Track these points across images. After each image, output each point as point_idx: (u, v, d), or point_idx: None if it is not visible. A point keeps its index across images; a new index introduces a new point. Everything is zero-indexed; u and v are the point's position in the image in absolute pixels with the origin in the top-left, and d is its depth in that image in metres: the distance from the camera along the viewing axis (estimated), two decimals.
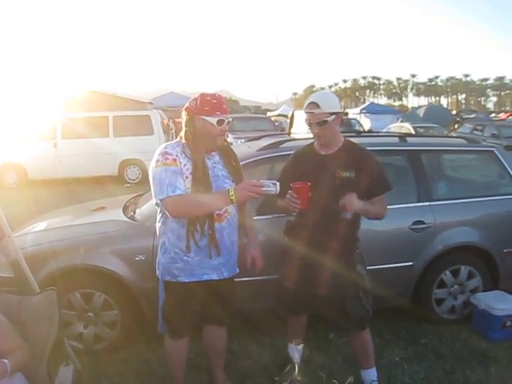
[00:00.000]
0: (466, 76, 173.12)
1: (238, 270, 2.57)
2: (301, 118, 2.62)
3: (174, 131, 13.88)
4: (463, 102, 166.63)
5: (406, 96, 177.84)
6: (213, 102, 2.31)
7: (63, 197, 8.06)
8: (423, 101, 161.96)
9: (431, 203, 3.56)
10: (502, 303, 3.46)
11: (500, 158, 3.91)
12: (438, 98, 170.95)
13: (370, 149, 2.77)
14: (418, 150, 3.74)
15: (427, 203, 3.55)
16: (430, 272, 3.55)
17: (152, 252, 2.97)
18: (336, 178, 2.55)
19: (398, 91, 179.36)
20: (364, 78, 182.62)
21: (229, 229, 2.44)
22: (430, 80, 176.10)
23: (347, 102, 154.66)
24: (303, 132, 2.65)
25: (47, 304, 2.25)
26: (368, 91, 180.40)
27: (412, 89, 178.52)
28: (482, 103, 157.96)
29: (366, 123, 23.23)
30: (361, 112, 27.16)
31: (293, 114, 14.37)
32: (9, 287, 2.53)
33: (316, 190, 2.50)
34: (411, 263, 3.48)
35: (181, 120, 2.44)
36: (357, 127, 17.57)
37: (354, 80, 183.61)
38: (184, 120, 2.38)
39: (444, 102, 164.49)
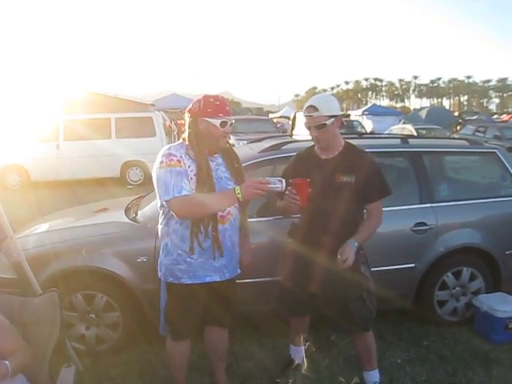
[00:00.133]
0: (468, 77, 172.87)
1: (239, 271, 2.57)
2: (303, 119, 2.61)
3: (176, 133, 13.89)
4: (465, 103, 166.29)
5: (408, 98, 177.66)
6: (216, 104, 2.31)
7: (65, 198, 8.08)
8: (425, 102, 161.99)
9: (433, 205, 3.55)
10: (504, 305, 3.46)
11: (502, 159, 3.91)
12: (440, 100, 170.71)
13: (371, 151, 2.76)
14: (420, 151, 3.75)
15: (429, 205, 3.55)
16: (432, 274, 3.55)
17: (154, 254, 2.98)
18: (336, 182, 2.55)
19: (400, 93, 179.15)
20: (366, 80, 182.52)
21: (231, 230, 2.45)
22: (432, 81, 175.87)
23: (349, 104, 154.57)
24: (305, 134, 2.65)
25: (49, 305, 2.25)
26: (370, 93, 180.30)
27: (414, 90, 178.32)
28: (485, 105, 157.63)
29: (368, 125, 23.22)
30: (363, 114, 27.13)
31: (295, 116, 14.37)
32: (11, 288, 2.53)
33: (317, 193, 2.50)
34: (413, 265, 3.48)
35: (183, 122, 2.44)
36: (359, 129, 17.59)
37: (356, 82, 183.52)
38: (187, 122, 2.38)
39: (446, 103, 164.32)
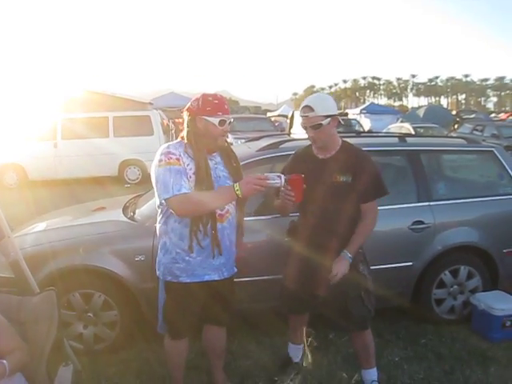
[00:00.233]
0: (466, 76, 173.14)
1: (235, 269, 2.57)
2: (300, 118, 2.62)
3: (173, 131, 13.88)
4: (463, 102, 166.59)
5: (406, 96, 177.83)
6: (214, 103, 2.31)
7: (63, 197, 8.07)
8: (423, 101, 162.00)
9: (431, 203, 3.56)
10: (501, 303, 3.47)
11: (499, 158, 3.92)
12: (437, 99, 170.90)
13: (369, 149, 2.76)
14: (417, 150, 3.75)
15: (427, 203, 3.56)
16: (430, 272, 3.56)
17: (152, 252, 2.98)
18: (334, 182, 2.55)
19: (398, 91, 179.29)
20: (364, 79, 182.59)
21: (229, 229, 2.45)
22: (430, 80, 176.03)
23: (347, 103, 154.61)
24: (303, 132, 2.65)
25: (47, 304, 2.25)
26: (368, 91, 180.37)
27: (412, 89, 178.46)
28: (482, 103, 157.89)
29: (366, 123, 23.23)
30: (361, 112, 27.17)
31: (293, 115, 14.38)
32: (8, 287, 2.52)
33: (316, 193, 2.51)
34: (411, 263, 3.49)
35: (181, 120, 2.43)
36: (357, 127, 17.58)
37: (354, 80, 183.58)
38: (186, 120, 2.38)
39: (444, 102, 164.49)
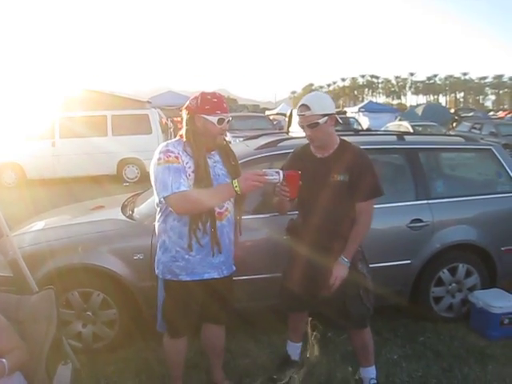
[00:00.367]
0: (465, 74, 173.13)
1: (234, 267, 2.57)
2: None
3: (172, 130, 13.87)
4: (461, 100, 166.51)
5: (405, 94, 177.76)
6: (213, 101, 2.31)
7: (61, 196, 8.07)
8: (422, 99, 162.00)
9: (429, 201, 3.56)
10: (499, 301, 3.48)
11: (498, 156, 3.92)
12: (436, 97, 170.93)
13: (368, 147, 2.76)
14: (416, 148, 3.75)
15: (425, 201, 3.56)
16: (428, 270, 3.56)
17: (150, 251, 2.97)
18: (331, 181, 2.55)
19: (397, 90, 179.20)
20: (362, 77, 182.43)
21: (228, 227, 2.45)
22: (429, 78, 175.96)
23: (346, 101, 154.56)
24: (301, 131, 2.65)
25: (45, 303, 2.25)
26: (366, 90, 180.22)
27: (410, 87, 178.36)
28: (481, 101, 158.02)
29: (365, 122, 23.25)
30: (359, 110, 27.18)
31: (291, 113, 14.37)
32: (7, 286, 2.53)
33: (314, 192, 2.52)
34: (409, 261, 3.49)
35: (179, 119, 2.44)
36: (355, 126, 17.59)
37: (353, 79, 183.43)
38: (184, 119, 2.38)
39: (442, 100, 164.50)
